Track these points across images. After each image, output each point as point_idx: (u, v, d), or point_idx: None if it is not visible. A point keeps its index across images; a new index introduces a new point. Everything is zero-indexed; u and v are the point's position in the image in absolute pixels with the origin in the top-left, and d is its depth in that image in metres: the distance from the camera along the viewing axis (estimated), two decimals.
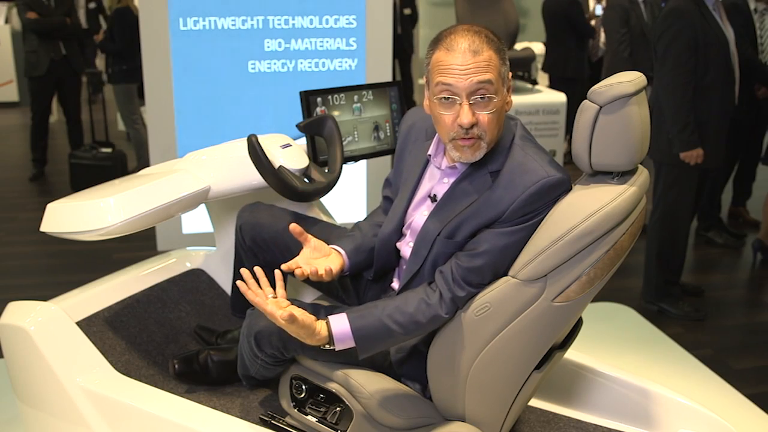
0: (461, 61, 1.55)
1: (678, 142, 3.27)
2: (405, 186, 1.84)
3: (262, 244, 2.05)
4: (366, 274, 1.94)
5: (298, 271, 1.66)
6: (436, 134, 1.71)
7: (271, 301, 1.58)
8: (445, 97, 1.58)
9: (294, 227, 1.74)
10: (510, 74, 1.64)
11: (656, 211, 3.51)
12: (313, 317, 1.61)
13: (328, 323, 1.62)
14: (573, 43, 5.92)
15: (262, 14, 3.89)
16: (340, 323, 1.62)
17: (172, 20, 3.80)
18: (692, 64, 3.22)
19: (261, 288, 1.60)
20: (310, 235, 1.80)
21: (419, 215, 1.78)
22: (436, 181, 1.76)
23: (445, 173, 1.74)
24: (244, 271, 1.62)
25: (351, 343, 1.62)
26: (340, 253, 1.84)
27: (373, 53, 4.06)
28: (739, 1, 4.19)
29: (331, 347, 1.63)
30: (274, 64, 3.98)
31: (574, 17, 5.83)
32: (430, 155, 1.77)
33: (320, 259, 1.79)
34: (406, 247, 1.82)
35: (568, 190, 1.61)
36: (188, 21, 3.82)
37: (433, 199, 1.75)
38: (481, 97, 1.56)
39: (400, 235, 1.85)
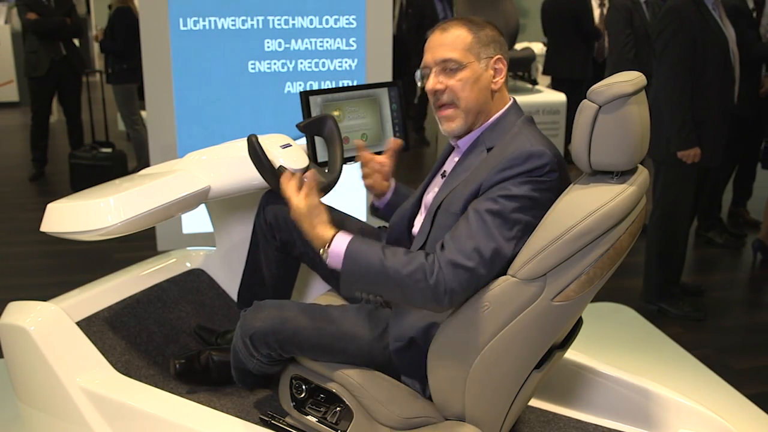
0: (433, 38, 1.76)
1: (675, 140, 3.27)
2: (433, 167, 1.97)
3: (282, 224, 2.11)
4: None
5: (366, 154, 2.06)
6: None
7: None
8: (424, 74, 1.77)
9: (396, 142, 2.10)
10: (498, 56, 1.75)
11: (656, 211, 3.51)
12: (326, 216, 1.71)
13: (335, 232, 1.67)
14: (580, 43, 5.86)
15: (262, 14, 3.89)
16: (343, 235, 1.66)
17: (172, 20, 3.80)
18: (690, 63, 3.23)
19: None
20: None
21: (431, 193, 1.88)
22: (449, 160, 1.89)
23: (456, 152, 1.86)
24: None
25: (340, 258, 1.62)
26: (390, 186, 2.10)
27: (373, 53, 4.06)
28: (740, 3, 4.19)
29: (325, 252, 1.64)
30: (274, 64, 3.98)
31: (581, 17, 5.77)
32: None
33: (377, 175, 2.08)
34: (418, 224, 1.90)
35: (552, 168, 1.60)
36: (188, 21, 3.82)
37: (443, 175, 1.86)
38: (450, 69, 1.72)
39: (416, 211, 1.94)
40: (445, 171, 1.87)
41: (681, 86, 3.24)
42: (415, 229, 1.91)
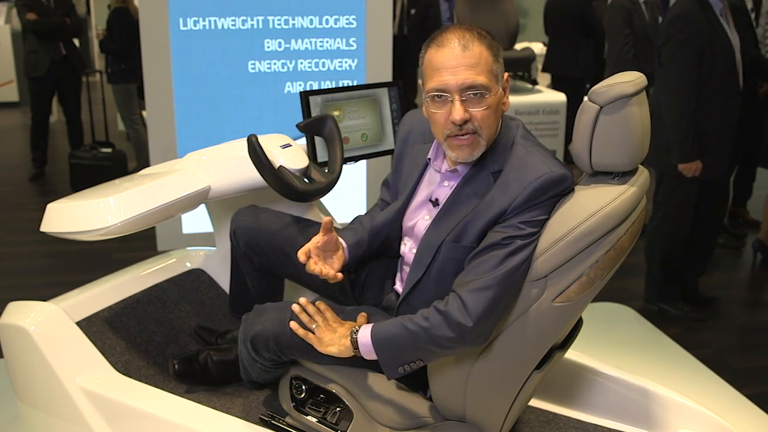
0: (451, 56, 1.54)
1: (677, 152, 3.19)
2: (404, 189, 1.83)
3: (256, 248, 2.04)
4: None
5: (311, 264, 1.69)
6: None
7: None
8: (437, 95, 1.57)
9: (326, 221, 1.71)
10: (507, 75, 1.63)
11: (656, 216, 3.49)
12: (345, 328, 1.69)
13: (353, 333, 1.65)
14: (582, 42, 5.86)
15: (262, 14, 3.89)
16: (363, 330, 1.64)
17: (172, 20, 3.80)
18: (697, 73, 3.13)
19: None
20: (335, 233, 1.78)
21: (421, 220, 1.76)
22: (437, 185, 1.74)
23: (446, 177, 1.72)
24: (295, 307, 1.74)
25: (371, 350, 1.62)
26: (343, 248, 1.82)
27: (373, 53, 4.06)
28: (738, 2, 4.19)
29: (357, 352, 1.64)
30: (274, 64, 3.98)
31: (588, 16, 5.78)
32: (429, 159, 1.76)
33: (333, 257, 1.78)
34: (409, 253, 1.80)
35: (571, 189, 1.59)
36: (188, 21, 3.82)
37: (435, 203, 1.73)
38: (473, 94, 1.55)
39: (395, 232, 1.84)
40: (436, 198, 1.73)
41: (685, 97, 3.14)
42: (407, 257, 1.81)
